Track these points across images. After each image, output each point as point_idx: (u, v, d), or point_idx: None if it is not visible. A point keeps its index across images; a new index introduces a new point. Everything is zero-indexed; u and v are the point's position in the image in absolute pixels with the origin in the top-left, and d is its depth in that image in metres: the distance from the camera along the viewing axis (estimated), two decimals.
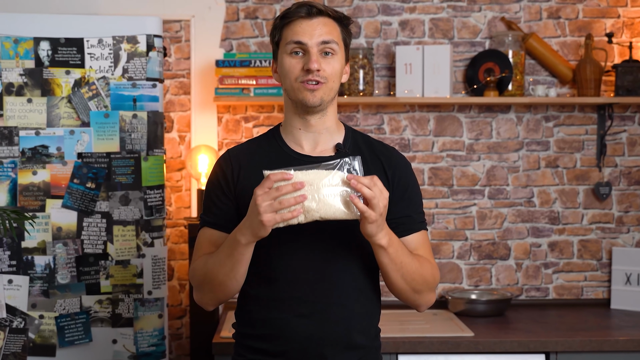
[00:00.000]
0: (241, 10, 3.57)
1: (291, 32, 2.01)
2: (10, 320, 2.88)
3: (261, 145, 2.13)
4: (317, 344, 1.99)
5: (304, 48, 1.99)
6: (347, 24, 2.08)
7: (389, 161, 2.09)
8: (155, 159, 2.98)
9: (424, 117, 3.61)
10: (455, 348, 2.97)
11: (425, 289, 2.04)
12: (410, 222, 2.07)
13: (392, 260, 1.92)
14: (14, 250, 2.88)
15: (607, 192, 3.59)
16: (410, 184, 2.10)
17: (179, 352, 3.59)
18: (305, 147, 2.08)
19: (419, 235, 2.09)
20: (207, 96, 3.53)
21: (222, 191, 2.07)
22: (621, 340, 3.00)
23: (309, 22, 2.00)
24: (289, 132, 2.10)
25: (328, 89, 2.01)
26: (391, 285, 2.00)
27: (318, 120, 2.05)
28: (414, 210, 2.09)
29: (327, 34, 2.00)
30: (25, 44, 2.90)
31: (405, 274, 1.96)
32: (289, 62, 2.01)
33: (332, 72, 2.00)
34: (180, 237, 3.56)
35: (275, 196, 1.80)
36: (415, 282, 1.99)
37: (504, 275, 3.64)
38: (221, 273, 1.98)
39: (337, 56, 2.02)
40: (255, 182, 1.93)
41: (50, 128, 2.92)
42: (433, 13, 3.60)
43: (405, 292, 2.01)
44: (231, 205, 2.06)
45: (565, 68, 3.55)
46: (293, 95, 2.02)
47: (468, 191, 3.62)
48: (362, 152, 2.08)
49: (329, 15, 2.03)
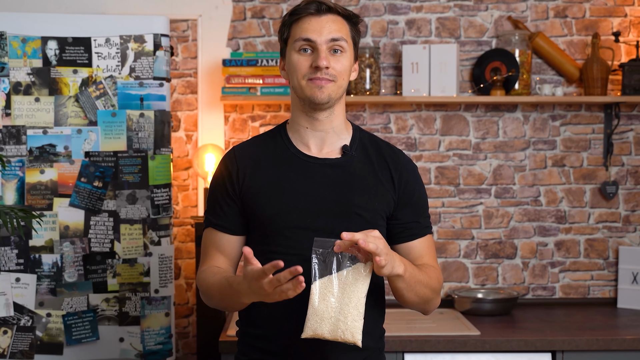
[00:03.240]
0: (248, 10, 3.58)
1: (300, 29, 1.99)
2: (17, 318, 2.89)
3: (267, 143, 2.11)
4: (322, 345, 1.98)
5: (312, 45, 1.98)
6: (356, 22, 2.06)
7: (396, 164, 2.08)
8: (162, 157, 2.98)
9: (431, 116, 3.61)
10: (462, 347, 2.97)
11: (434, 297, 2.05)
12: (417, 228, 2.07)
13: (408, 284, 1.92)
14: (22, 248, 2.89)
15: (614, 191, 3.59)
16: (416, 189, 2.09)
17: (186, 351, 3.60)
18: (312, 147, 2.06)
19: (425, 240, 2.09)
20: (214, 95, 3.54)
21: (227, 192, 2.07)
22: (628, 339, 2.99)
23: (318, 19, 1.99)
24: (295, 130, 2.08)
25: (337, 86, 2.00)
26: (405, 302, 2.00)
27: (325, 118, 2.04)
28: (420, 215, 2.09)
29: (337, 32, 1.98)
30: (33, 43, 2.91)
31: (418, 291, 1.96)
32: (297, 59, 1.99)
33: (341, 70, 1.99)
34: (187, 235, 3.57)
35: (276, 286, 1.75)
36: (426, 295, 2.00)
37: (510, 274, 3.63)
38: (222, 303, 2.03)
39: (346, 54, 2.01)
40: (260, 183, 1.94)
41: (57, 127, 2.93)
42: (440, 12, 3.60)
43: (417, 305, 2.03)
44: (236, 207, 2.06)
45: (572, 67, 3.54)
46: (300, 93, 2.01)
47: (474, 190, 3.62)
48: (369, 154, 2.08)
49: (338, 13, 2.01)
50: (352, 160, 2.05)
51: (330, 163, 2.04)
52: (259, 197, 2.03)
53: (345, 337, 1.80)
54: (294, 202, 1.99)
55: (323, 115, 2.03)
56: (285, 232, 1.97)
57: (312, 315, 1.80)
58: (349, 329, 1.79)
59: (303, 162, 2.04)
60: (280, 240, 1.98)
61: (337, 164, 2.04)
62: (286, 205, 1.99)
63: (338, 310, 1.79)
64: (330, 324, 1.79)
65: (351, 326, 1.79)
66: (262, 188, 2.03)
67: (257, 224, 2.05)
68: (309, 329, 1.80)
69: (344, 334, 1.79)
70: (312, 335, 1.80)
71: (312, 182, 2.01)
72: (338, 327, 1.79)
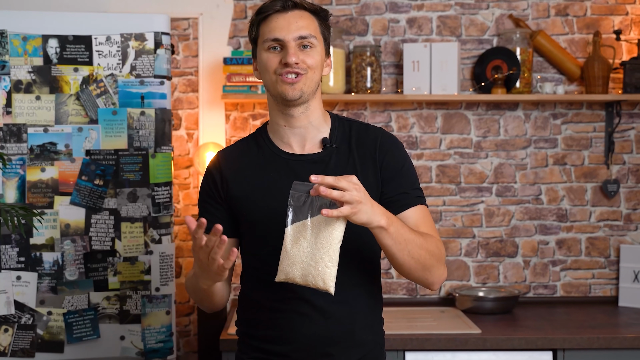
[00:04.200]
0: (249, 8, 3.58)
1: (267, 29, 1.98)
2: (18, 316, 2.89)
3: (250, 146, 2.11)
4: (322, 343, 1.99)
5: (281, 44, 1.97)
6: (325, 16, 2.04)
7: (375, 143, 2.05)
8: (163, 156, 2.98)
9: (432, 114, 3.60)
10: (463, 345, 2.97)
11: (434, 264, 1.96)
12: (405, 198, 2.02)
13: (396, 240, 1.86)
14: (23, 246, 2.89)
15: (615, 189, 3.59)
16: (399, 162, 2.05)
17: (187, 349, 3.60)
18: (294, 144, 2.05)
19: (417, 210, 2.03)
20: (215, 94, 3.54)
21: (213, 199, 2.09)
22: (629, 338, 2.99)
23: (285, 16, 1.97)
24: (275, 130, 2.07)
25: (309, 80, 1.98)
26: (400, 266, 1.92)
27: (301, 114, 2.02)
28: (408, 187, 2.04)
29: (304, 29, 1.97)
30: (34, 42, 2.91)
31: (411, 251, 1.89)
32: (267, 57, 1.98)
33: (312, 64, 1.98)
34: (188, 234, 3.57)
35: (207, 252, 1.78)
36: (423, 257, 1.92)
37: (511, 272, 3.63)
38: (200, 298, 2.06)
39: (316, 49, 1.99)
40: (245, 187, 1.96)
41: (58, 125, 2.93)
42: (441, 10, 3.60)
43: (416, 271, 1.94)
44: (224, 211, 2.08)
45: (573, 65, 3.54)
46: (273, 91, 2.00)
47: (476, 189, 3.62)
48: (349, 144, 2.05)
49: (305, 9, 2.00)
50: (332, 151, 2.04)
51: (312, 159, 2.03)
52: (245, 203, 2.03)
53: (317, 283, 1.78)
54: (280, 203, 1.93)
55: (299, 111, 2.02)
56: (274, 234, 1.95)
57: (285, 258, 1.79)
58: (320, 275, 1.77)
59: (285, 161, 2.03)
60: (271, 242, 1.97)
61: (318, 159, 2.03)
62: (272, 208, 1.98)
63: (310, 255, 1.78)
64: (301, 269, 1.78)
65: (322, 272, 1.77)
66: (247, 193, 2.03)
67: (246, 228, 2.06)
68: (281, 273, 1.80)
69: (315, 280, 1.78)
70: (284, 279, 1.80)
71: (297, 180, 2.00)
72: (309, 272, 1.78)
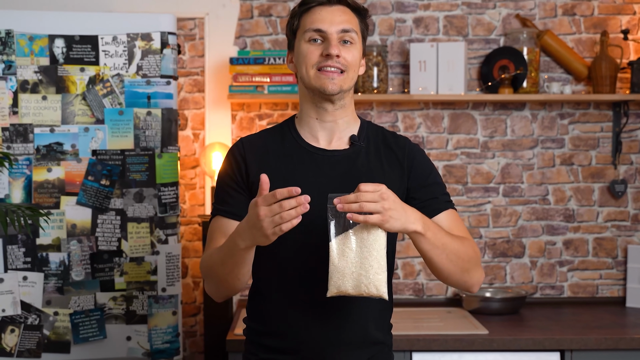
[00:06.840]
0: (255, 8, 3.57)
1: (310, 20, 1.98)
2: (25, 317, 2.89)
3: (275, 137, 2.09)
4: (333, 341, 1.98)
5: (323, 35, 1.97)
6: (365, 15, 2.05)
7: (403, 151, 2.06)
8: (169, 156, 2.98)
9: (438, 114, 3.60)
10: (470, 346, 2.96)
11: (472, 266, 1.98)
12: (436, 203, 2.03)
13: (434, 245, 1.86)
14: (29, 247, 2.90)
15: (623, 189, 3.57)
16: (427, 171, 2.07)
17: (193, 350, 3.60)
18: (321, 139, 2.05)
19: (448, 214, 2.04)
20: (221, 94, 3.53)
21: (235, 182, 2.04)
22: (637, 338, 2.98)
23: (329, 10, 1.98)
24: (304, 123, 2.07)
25: (348, 78, 1.98)
26: (439, 271, 1.93)
27: (335, 110, 2.02)
28: (438, 192, 2.05)
29: (347, 23, 1.98)
30: (40, 41, 2.91)
31: (450, 255, 1.90)
32: (307, 49, 1.98)
33: (352, 60, 1.98)
34: (194, 234, 3.57)
35: (277, 212, 1.73)
36: (461, 260, 1.93)
37: (518, 273, 3.62)
38: (224, 272, 1.94)
39: (355, 45, 2.00)
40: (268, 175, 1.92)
41: (64, 125, 2.93)
42: (447, 10, 3.59)
43: (455, 274, 1.95)
44: (245, 196, 2.03)
45: (580, 65, 3.53)
46: (309, 84, 1.99)
47: (482, 189, 3.61)
48: (377, 146, 2.07)
49: (348, 5, 2.01)
50: (360, 150, 2.04)
51: (339, 154, 2.03)
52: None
53: (370, 291, 1.78)
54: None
55: (333, 107, 2.02)
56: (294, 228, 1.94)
57: (334, 272, 1.78)
58: (372, 282, 1.77)
59: (311, 155, 2.03)
60: (289, 235, 1.96)
61: (345, 155, 2.03)
62: None
63: (359, 265, 1.77)
64: (352, 280, 1.78)
65: (374, 279, 1.77)
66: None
67: None
68: (333, 287, 1.79)
69: (367, 288, 1.78)
70: (336, 292, 1.79)
71: (320, 175, 2.00)
72: (361, 281, 1.77)
